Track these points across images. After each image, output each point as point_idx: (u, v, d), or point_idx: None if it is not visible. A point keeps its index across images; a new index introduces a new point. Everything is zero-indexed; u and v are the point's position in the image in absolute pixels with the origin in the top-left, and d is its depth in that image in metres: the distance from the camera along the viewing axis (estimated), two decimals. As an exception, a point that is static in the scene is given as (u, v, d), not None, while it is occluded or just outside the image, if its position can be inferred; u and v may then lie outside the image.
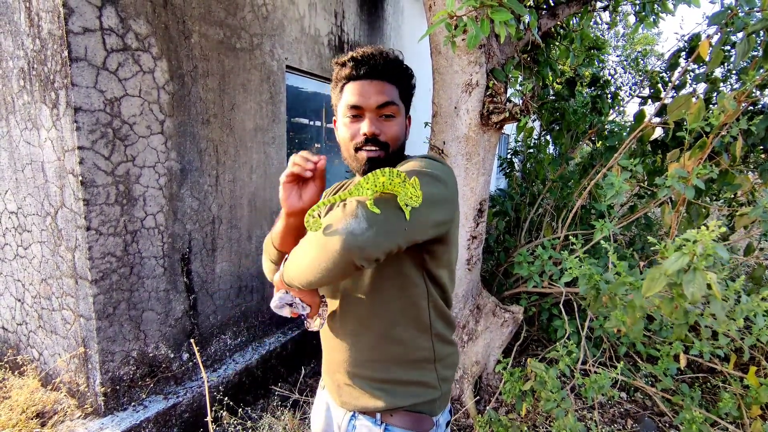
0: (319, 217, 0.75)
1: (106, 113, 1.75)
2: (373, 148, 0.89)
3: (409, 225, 0.71)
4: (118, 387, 1.92)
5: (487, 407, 2.20)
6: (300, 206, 0.83)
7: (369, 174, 0.71)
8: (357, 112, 0.90)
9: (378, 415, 0.93)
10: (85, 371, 1.91)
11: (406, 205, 0.69)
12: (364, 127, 0.88)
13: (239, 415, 2.26)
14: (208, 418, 1.57)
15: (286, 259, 0.86)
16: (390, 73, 0.91)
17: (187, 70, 2.06)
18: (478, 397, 2.42)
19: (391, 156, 0.91)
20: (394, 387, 0.93)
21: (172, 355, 2.15)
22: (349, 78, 0.90)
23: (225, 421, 2.15)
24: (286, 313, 0.90)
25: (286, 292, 0.88)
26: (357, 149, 0.90)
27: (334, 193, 1.10)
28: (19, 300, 2.19)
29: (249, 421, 2.18)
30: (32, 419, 1.89)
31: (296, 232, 0.86)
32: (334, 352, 0.98)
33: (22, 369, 2.18)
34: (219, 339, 2.42)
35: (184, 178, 2.10)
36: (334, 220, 0.70)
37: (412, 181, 0.71)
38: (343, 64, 0.92)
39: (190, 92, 2.09)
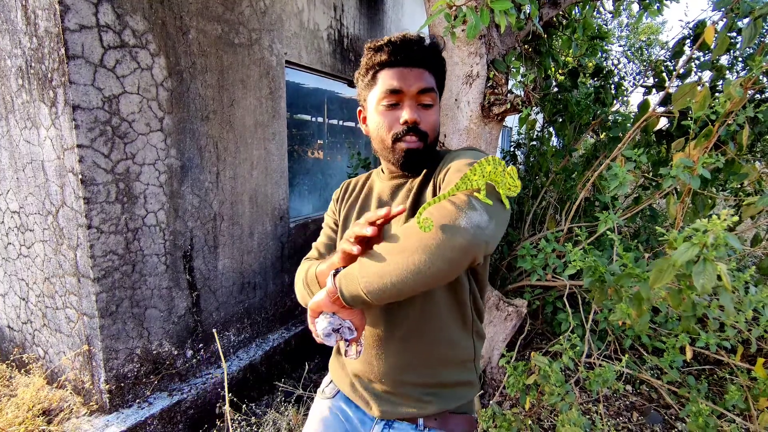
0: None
1: (104, 111, 1.75)
2: (414, 138, 0.84)
3: (508, 214, 0.72)
4: (122, 384, 1.93)
5: (491, 401, 2.19)
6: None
7: (475, 165, 0.67)
8: (396, 99, 0.84)
9: (420, 421, 0.90)
10: (89, 369, 1.92)
11: (506, 196, 0.69)
12: (406, 114, 0.83)
13: (243, 411, 2.27)
14: (226, 407, 1.58)
15: (336, 273, 0.74)
16: (429, 60, 0.86)
17: (186, 67, 2.05)
18: (482, 391, 2.41)
19: (428, 148, 0.87)
20: (441, 390, 0.91)
21: (175, 352, 2.15)
22: (385, 64, 0.85)
23: (229, 417, 2.15)
24: (332, 341, 0.77)
25: (333, 315, 0.75)
26: (396, 140, 0.85)
27: (350, 195, 1.02)
28: (24, 299, 2.20)
29: (253, 417, 2.18)
30: (38, 417, 1.90)
31: None
32: (375, 361, 0.91)
33: (27, 367, 2.20)
34: (223, 336, 2.43)
35: (184, 176, 2.10)
36: (449, 217, 0.62)
37: (510, 170, 0.69)
38: (379, 49, 0.86)
39: (189, 89, 2.08)
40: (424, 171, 0.90)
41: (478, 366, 0.97)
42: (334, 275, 0.73)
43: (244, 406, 2.31)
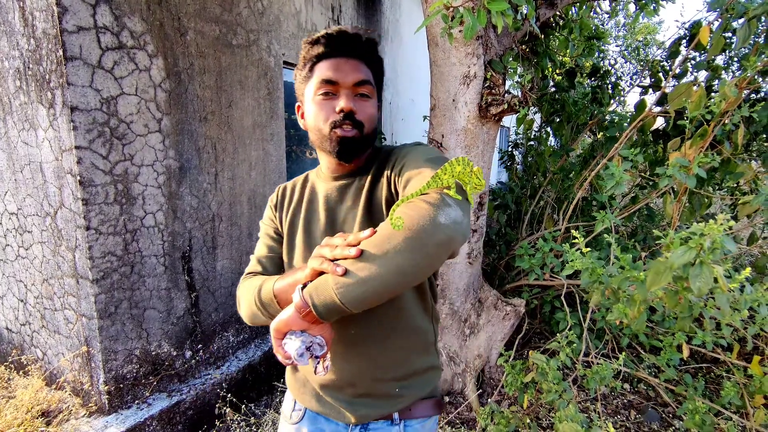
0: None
1: (102, 112, 1.75)
2: (349, 126, 0.83)
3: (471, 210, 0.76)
4: (121, 385, 1.93)
5: (490, 400, 2.20)
6: None
7: (446, 165, 0.69)
8: (331, 89, 0.84)
9: (395, 415, 0.90)
10: (88, 370, 1.92)
11: (472, 194, 0.73)
12: (341, 102, 0.83)
13: (243, 411, 2.28)
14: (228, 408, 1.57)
15: (303, 287, 0.70)
16: (366, 53, 0.87)
17: (184, 68, 2.05)
18: (480, 391, 2.42)
19: (365, 138, 0.86)
20: (413, 379, 0.92)
21: (174, 353, 2.16)
22: (322, 56, 0.85)
23: (229, 418, 2.16)
24: (305, 361, 0.71)
25: (302, 332, 0.71)
26: (332, 128, 0.84)
27: (290, 200, 0.97)
28: (22, 300, 2.20)
29: (252, 417, 2.19)
30: (37, 418, 1.90)
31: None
32: (346, 366, 0.89)
33: (26, 369, 2.20)
34: (222, 336, 2.43)
35: (182, 176, 2.10)
36: (428, 214, 0.64)
37: (476, 170, 0.72)
38: (315, 42, 0.85)
39: (187, 90, 2.08)
40: (373, 169, 0.90)
41: (438, 349, 1.00)
42: (302, 289, 0.70)
43: (243, 406, 2.32)
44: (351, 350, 0.88)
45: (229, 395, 2.25)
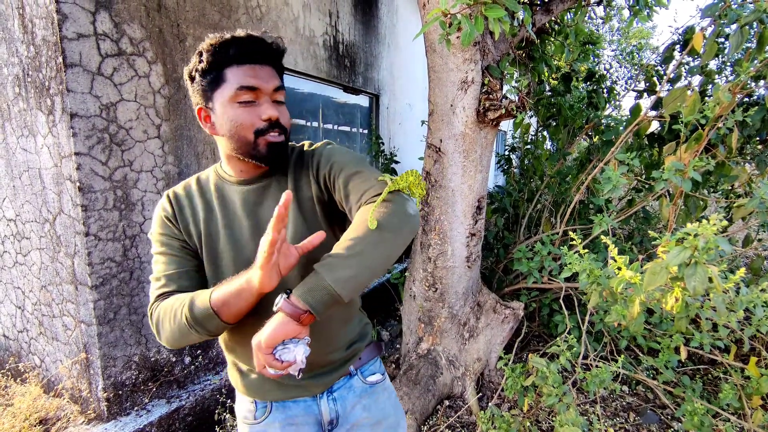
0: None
1: (102, 118, 1.75)
2: (276, 132, 0.85)
3: None
4: (120, 392, 1.92)
5: (490, 403, 2.20)
6: (278, 280, 0.74)
7: (402, 174, 0.82)
8: (252, 96, 0.83)
9: (351, 368, 1.01)
10: (87, 377, 1.91)
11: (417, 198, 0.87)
12: (268, 110, 0.83)
13: (242, 417, 2.27)
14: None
15: (288, 294, 0.72)
16: (275, 59, 0.87)
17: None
18: (480, 394, 2.43)
19: (287, 141, 0.90)
20: (357, 338, 1.04)
21: (174, 359, 2.15)
22: (232, 61, 0.82)
23: (228, 424, 2.15)
24: (302, 365, 0.71)
25: (293, 340, 0.71)
26: (258, 135, 0.84)
27: (191, 209, 0.93)
28: (20, 307, 2.18)
29: (252, 423, 2.18)
30: (35, 426, 1.89)
31: (255, 304, 0.78)
32: (316, 347, 0.89)
33: (24, 376, 2.18)
34: (220, 342, 2.42)
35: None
36: (402, 209, 0.77)
37: (423, 183, 0.86)
38: (224, 45, 0.82)
39: (186, 96, 2.09)
40: (290, 169, 0.92)
41: (361, 308, 1.12)
42: (288, 297, 0.71)
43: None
44: (311, 336, 0.91)
45: (228, 401, 2.24)
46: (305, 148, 0.96)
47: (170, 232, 0.90)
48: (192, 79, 0.86)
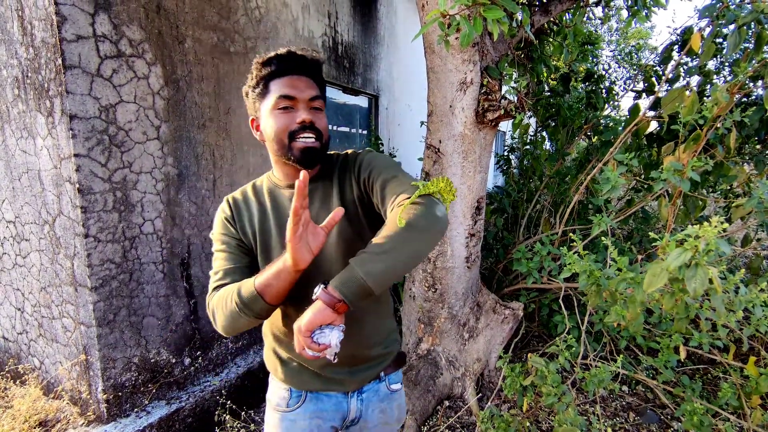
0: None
1: (101, 120, 1.75)
2: (310, 135, 0.93)
3: None
4: (120, 393, 1.92)
5: (489, 403, 2.21)
6: (311, 257, 0.82)
7: (434, 180, 0.88)
8: (289, 104, 0.93)
9: (382, 374, 1.10)
10: (86, 379, 1.91)
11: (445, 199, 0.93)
12: (301, 114, 0.92)
13: (242, 418, 2.27)
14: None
15: (325, 285, 0.80)
16: (314, 71, 0.98)
17: (182, 75, 2.06)
18: (480, 394, 2.43)
19: (324, 146, 0.97)
20: (390, 338, 1.12)
21: (173, 360, 2.15)
22: (275, 75, 0.94)
23: (228, 425, 2.15)
24: (339, 348, 0.80)
25: (329, 326, 0.79)
26: (292, 138, 0.93)
27: (248, 211, 1.03)
28: (19, 309, 2.18)
29: (252, 424, 2.18)
30: (35, 428, 1.89)
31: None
32: (349, 343, 0.94)
33: (23, 378, 2.18)
34: (220, 343, 2.42)
35: (181, 183, 2.10)
36: (431, 210, 0.82)
37: (454, 190, 0.92)
38: (268, 62, 0.94)
39: (186, 97, 2.09)
40: (335, 174, 1.02)
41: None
42: (326, 287, 0.79)
43: (242, 413, 2.31)
44: (350, 329, 0.96)
45: (228, 402, 2.24)
46: (349, 154, 1.06)
47: (229, 232, 1.01)
48: (247, 94, 0.98)
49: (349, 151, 1.07)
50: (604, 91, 3.32)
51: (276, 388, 1.09)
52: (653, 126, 2.66)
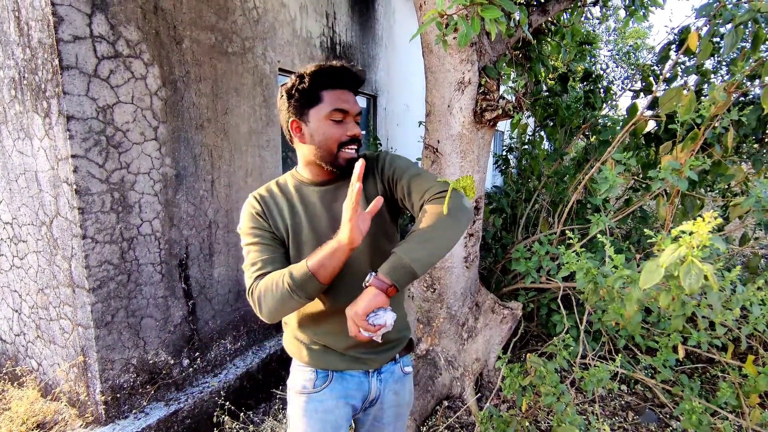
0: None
1: (98, 121, 1.75)
2: (354, 147, 1.04)
3: None
4: (118, 395, 1.92)
5: (488, 403, 2.20)
6: (362, 237, 0.91)
7: (461, 177, 1.00)
8: (342, 117, 1.02)
9: (397, 356, 1.18)
10: (84, 380, 1.90)
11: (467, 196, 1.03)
12: (354, 129, 1.03)
13: (241, 419, 2.26)
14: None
15: (375, 273, 0.90)
16: (358, 86, 1.07)
17: (180, 76, 2.06)
18: (479, 394, 2.42)
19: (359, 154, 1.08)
20: (403, 323, 1.19)
21: (172, 362, 2.14)
22: (328, 86, 1.01)
23: (227, 426, 2.14)
24: (389, 327, 0.90)
25: (382, 308, 0.89)
26: (340, 148, 1.03)
27: (278, 207, 1.09)
28: (17, 311, 2.18)
29: (251, 425, 2.17)
30: (33, 430, 1.88)
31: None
32: None
33: (21, 380, 2.18)
34: (219, 344, 2.42)
35: (179, 184, 2.10)
36: (461, 203, 0.96)
37: (474, 184, 1.02)
38: (324, 73, 1.01)
39: (183, 97, 2.08)
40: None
41: None
42: (376, 275, 0.90)
43: (241, 414, 2.30)
44: None
45: (227, 403, 2.24)
46: (368, 155, 1.14)
47: (261, 226, 1.06)
48: (291, 96, 1.03)
49: (367, 152, 1.14)
50: (602, 90, 3.32)
51: (300, 372, 1.15)
52: (651, 125, 2.67)
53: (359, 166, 0.87)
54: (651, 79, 2.86)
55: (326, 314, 1.08)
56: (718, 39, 2.40)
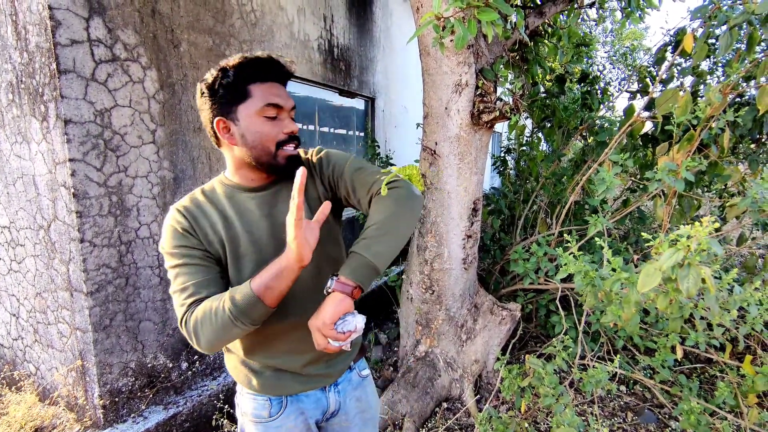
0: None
1: (96, 124, 1.75)
2: (293, 145, 0.96)
3: None
4: (117, 399, 1.91)
5: (487, 404, 2.20)
6: (311, 252, 0.82)
7: (405, 166, 1.00)
8: (276, 112, 0.92)
9: (352, 363, 1.15)
10: (83, 384, 1.90)
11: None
12: (290, 126, 0.94)
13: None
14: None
15: (336, 277, 0.85)
16: (287, 79, 0.98)
17: (177, 79, 2.06)
18: (478, 396, 2.43)
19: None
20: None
21: (170, 365, 2.14)
22: (255, 79, 0.90)
23: (226, 429, 2.14)
24: (359, 331, 0.84)
25: (349, 313, 0.83)
26: (278, 147, 0.94)
27: (208, 219, 0.98)
28: (14, 315, 2.17)
29: (250, 428, 2.17)
30: (31, 435, 1.87)
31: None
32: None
33: (19, 384, 2.17)
34: (217, 347, 2.41)
35: (177, 187, 2.10)
36: (408, 191, 0.94)
37: (419, 174, 0.98)
38: (250, 65, 0.90)
39: (181, 101, 2.09)
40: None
41: None
42: (337, 278, 0.84)
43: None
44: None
45: (225, 406, 2.23)
46: (302, 156, 1.06)
47: (190, 243, 0.92)
48: (214, 92, 0.90)
49: (300, 151, 1.05)
50: (599, 92, 3.33)
51: (251, 401, 1.05)
52: (648, 126, 2.68)
53: (300, 176, 0.76)
54: (647, 80, 2.87)
55: (277, 334, 0.98)
56: (713, 41, 2.41)
